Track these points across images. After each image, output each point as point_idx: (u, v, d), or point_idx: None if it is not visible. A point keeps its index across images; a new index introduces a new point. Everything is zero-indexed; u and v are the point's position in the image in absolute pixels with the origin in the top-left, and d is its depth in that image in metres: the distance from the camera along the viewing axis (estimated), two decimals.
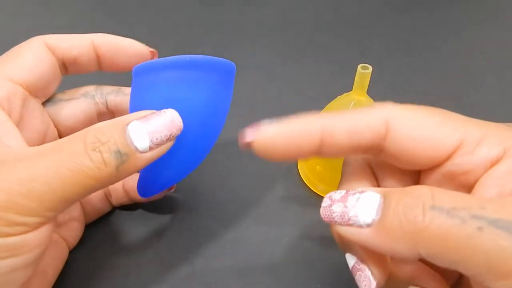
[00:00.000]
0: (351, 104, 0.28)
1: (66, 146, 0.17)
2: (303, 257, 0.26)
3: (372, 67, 0.26)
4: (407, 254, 0.15)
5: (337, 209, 0.17)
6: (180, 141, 0.21)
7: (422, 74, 0.44)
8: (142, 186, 0.24)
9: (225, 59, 0.22)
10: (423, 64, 0.46)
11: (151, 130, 0.18)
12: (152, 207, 0.29)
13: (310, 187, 0.31)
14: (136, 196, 0.27)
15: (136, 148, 0.18)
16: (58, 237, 0.24)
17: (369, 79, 0.27)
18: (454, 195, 0.15)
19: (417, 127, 0.17)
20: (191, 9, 0.54)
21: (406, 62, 0.46)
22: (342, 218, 0.16)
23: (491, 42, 0.50)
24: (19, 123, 0.21)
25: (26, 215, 0.17)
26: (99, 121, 0.22)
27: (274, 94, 0.40)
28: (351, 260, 0.19)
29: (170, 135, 0.19)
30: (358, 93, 0.28)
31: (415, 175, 0.20)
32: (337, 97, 0.29)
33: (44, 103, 0.24)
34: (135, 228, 0.28)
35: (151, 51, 0.25)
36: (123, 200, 0.27)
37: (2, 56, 0.22)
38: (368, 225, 0.16)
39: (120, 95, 0.26)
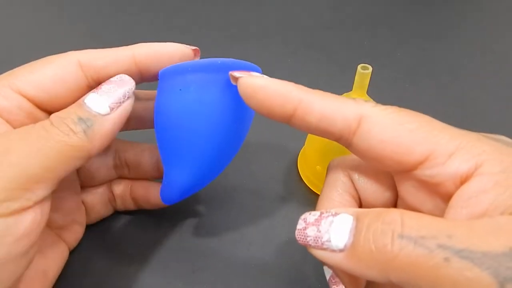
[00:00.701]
0: None
1: (35, 125, 0.18)
2: (303, 257, 0.26)
3: (372, 67, 0.26)
4: (379, 280, 0.15)
5: (311, 233, 0.17)
6: (206, 144, 0.21)
7: (422, 74, 0.44)
8: (166, 193, 0.24)
9: (252, 63, 0.22)
10: (423, 64, 0.46)
11: (104, 92, 0.20)
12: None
13: (310, 187, 0.31)
14: (144, 204, 0.27)
15: (98, 113, 0.19)
16: (58, 239, 0.24)
17: (369, 79, 0.27)
18: (423, 221, 0.15)
19: (389, 130, 0.17)
20: (191, 9, 0.54)
21: (406, 62, 0.46)
22: (316, 243, 0.17)
23: (492, 42, 0.50)
24: None
25: (8, 189, 0.17)
26: None
27: None
28: (327, 273, 0.19)
29: (124, 92, 0.20)
30: (358, 93, 0.28)
31: (392, 178, 0.20)
32: None
33: None
34: (135, 228, 0.28)
35: (194, 50, 0.24)
36: (129, 206, 0.27)
37: (26, 65, 0.21)
38: (341, 250, 0.16)
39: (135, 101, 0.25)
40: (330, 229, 0.16)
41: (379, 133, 0.17)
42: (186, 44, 0.24)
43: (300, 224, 0.18)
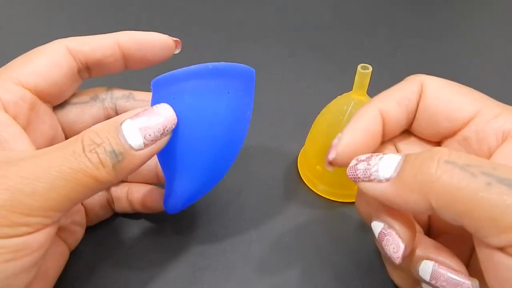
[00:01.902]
0: (351, 104, 0.28)
1: (67, 147, 0.18)
2: (303, 257, 0.26)
3: (372, 67, 0.26)
4: (420, 206, 0.16)
5: (361, 167, 0.18)
6: (206, 150, 0.21)
7: (422, 74, 0.44)
8: (168, 202, 0.24)
9: (245, 65, 0.22)
10: (423, 64, 0.46)
11: (143, 126, 0.19)
12: None
13: (310, 187, 0.31)
14: (139, 207, 0.27)
15: (131, 147, 0.18)
16: (59, 239, 0.24)
17: (369, 79, 0.27)
18: (470, 155, 0.16)
19: (444, 91, 0.21)
20: (191, 10, 0.54)
21: (406, 62, 0.46)
22: (365, 174, 0.18)
23: (492, 42, 0.50)
24: (26, 128, 0.21)
25: (29, 215, 0.17)
26: None
27: (274, 94, 0.40)
28: (377, 226, 0.19)
29: (163, 130, 0.19)
30: (358, 93, 0.28)
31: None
32: (337, 97, 0.29)
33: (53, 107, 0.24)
34: (135, 228, 0.28)
35: (175, 41, 0.25)
36: (126, 209, 0.27)
37: (19, 58, 0.22)
38: (387, 180, 0.17)
39: (130, 100, 0.26)
40: (379, 162, 0.18)
41: (436, 93, 0.21)
42: (171, 36, 0.24)
43: (352, 162, 0.19)
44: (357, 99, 0.28)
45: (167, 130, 0.19)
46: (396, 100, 0.21)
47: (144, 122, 0.19)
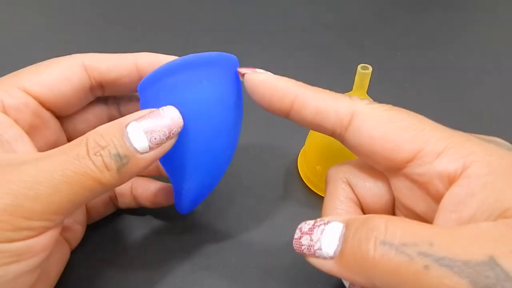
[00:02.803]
0: None
1: (70, 150, 0.17)
2: (303, 257, 0.26)
3: (372, 67, 0.26)
4: (367, 285, 0.15)
5: (304, 242, 0.18)
6: (202, 144, 0.21)
7: (422, 74, 0.44)
8: (180, 203, 0.24)
9: (223, 53, 0.21)
10: (423, 64, 0.46)
11: (149, 129, 0.18)
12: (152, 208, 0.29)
13: (310, 187, 0.31)
14: (144, 201, 0.27)
15: (136, 150, 0.18)
16: (61, 238, 0.24)
17: (369, 79, 0.27)
18: (407, 228, 0.15)
19: (379, 127, 0.18)
20: (191, 9, 0.54)
21: (406, 62, 0.46)
22: (309, 251, 0.17)
23: (491, 42, 0.50)
24: (28, 132, 0.21)
25: (32, 219, 0.16)
26: None
27: None
28: (345, 283, 0.20)
29: (169, 133, 0.19)
30: (358, 93, 0.28)
31: (387, 179, 0.20)
32: None
33: None
34: (135, 228, 0.28)
35: None
36: (131, 204, 0.27)
37: (32, 66, 0.22)
38: (331, 257, 0.16)
39: (134, 101, 0.26)
40: (321, 237, 0.17)
41: (369, 129, 0.18)
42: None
43: (296, 234, 0.18)
44: None
45: (173, 133, 0.19)
46: (316, 106, 0.19)
47: (150, 125, 0.18)
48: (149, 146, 0.18)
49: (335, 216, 0.18)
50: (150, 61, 0.23)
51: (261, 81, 0.20)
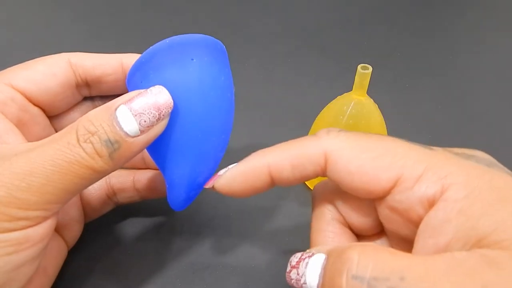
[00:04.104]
0: (351, 104, 0.28)
1: (61, 139, 0.18)
2: None
3: (372, 67, 0.26)
4: None
5: (293, 276, 0.17)
6: (194, 126, 0.20)
7: (422, 74, 0.44)
8: (172, 196, 0.22)
9: (210, 36, 0.21)
10: (423, 64, 0.46)
11: (138, 112, 0.18)
12: (152, 206, 0.29)
13: (310, 187, 0.31)
14: (149, 194, 0.26)
15: (127, 134, 0.18)
16: (57, 236, 0.24)
17: (369, 79, 0.27)
18: (380, 260, 0.15)
19: (353, 161, 0.18)
20: (191, 9, 0.54)
21: (406, 62, 0.46)
22: (297, 285, 0.17)
23: (492, 42, 0.50)
24: (17, 126, 0.21)
25: (27, 209, 0.17)
26: None
27: (274, 94, 0.40)
28: None
29: (159, 114, 0.18)
30: (358, 93, 0.28)
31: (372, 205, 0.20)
32: (337, 97, 0.29)
33: None
34: (135, 227, 0.28)
35: None
36: (133, 199, 0.27)
37: (21, 64, 0.22)
38: None
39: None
40: (305, 271, 0.17)
41: (345, 166, 0.18)
42: None
43: (288, 267, 0.18)
44: (357, 99, 0.28)
45: (163, 115, 0.19)
46: (290, 163, 0.19)
47: (139, 106, 0.18)
48: (139, 129, 0.18)
49: (320, 247, 0.18)
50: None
51: (230, 178, 0.20)
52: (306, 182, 0.31)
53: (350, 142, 0.18)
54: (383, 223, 0.19)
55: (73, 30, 0.49)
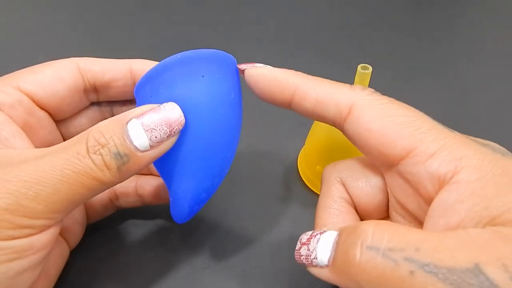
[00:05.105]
0: None
1: (70, 148, 0.17)
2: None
3: (372, 67, 0.26)
4: None
5: (303, 252, 0.18)
6: (201, 142, 0.20)
7: (422, 74, 0.44)
8: (175, 209, 0.22)
9: (219, 50, 0.21)
10: (423, 64, 0.46)
11: (150, 127, 0.18)
12: (153, 208, 0.29)
13: (310, 187, 0.31)
14: (151, 200, 0.26)
15: (136, 148, 0.18)
16: (60, 238, 0.24)
17: (369, 79, 0.27)
18: (395, 233, 0.15)
19: (376, 120, 0.18)
20: (190, 9, 0.54)
21: (406, 62, 0.46)
22: (307, 261, 0.17)
23: (492, 42, 0.50)
24: (23, 130, 0.21)
25: (33, 218, 0.17)
26: None
27: None
28: None
29: (170, 131, 0.19)
30: None
31: (382, 182, 0.20)
32: None
33: None
34: (135, 228, 0.28)
35: None
36: (135, 203, 0.27)
37: (29, 67, 0.22)
38: (326, 266, 0.16)
39: (128, 104, 0.25)
40: (317, 246, 0.17)
41: (367, 122, 0.18)
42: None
43: (297, 245, 0.18)
44: None
45: (174, 132, 0.19)
46: (316, 97, 0.19)
47: (151, 122, 0.18)
48: (150, 144, 0.18)
49: (331, 225, 0.18)
50: (145, 67, 0.23)
51: (261, 74, 0.20)
52: (306, 183, 0.31)
53: (379, 104, 0.18)
54: (391, 195, 0.19)
55: (72, 32, 0.49)
